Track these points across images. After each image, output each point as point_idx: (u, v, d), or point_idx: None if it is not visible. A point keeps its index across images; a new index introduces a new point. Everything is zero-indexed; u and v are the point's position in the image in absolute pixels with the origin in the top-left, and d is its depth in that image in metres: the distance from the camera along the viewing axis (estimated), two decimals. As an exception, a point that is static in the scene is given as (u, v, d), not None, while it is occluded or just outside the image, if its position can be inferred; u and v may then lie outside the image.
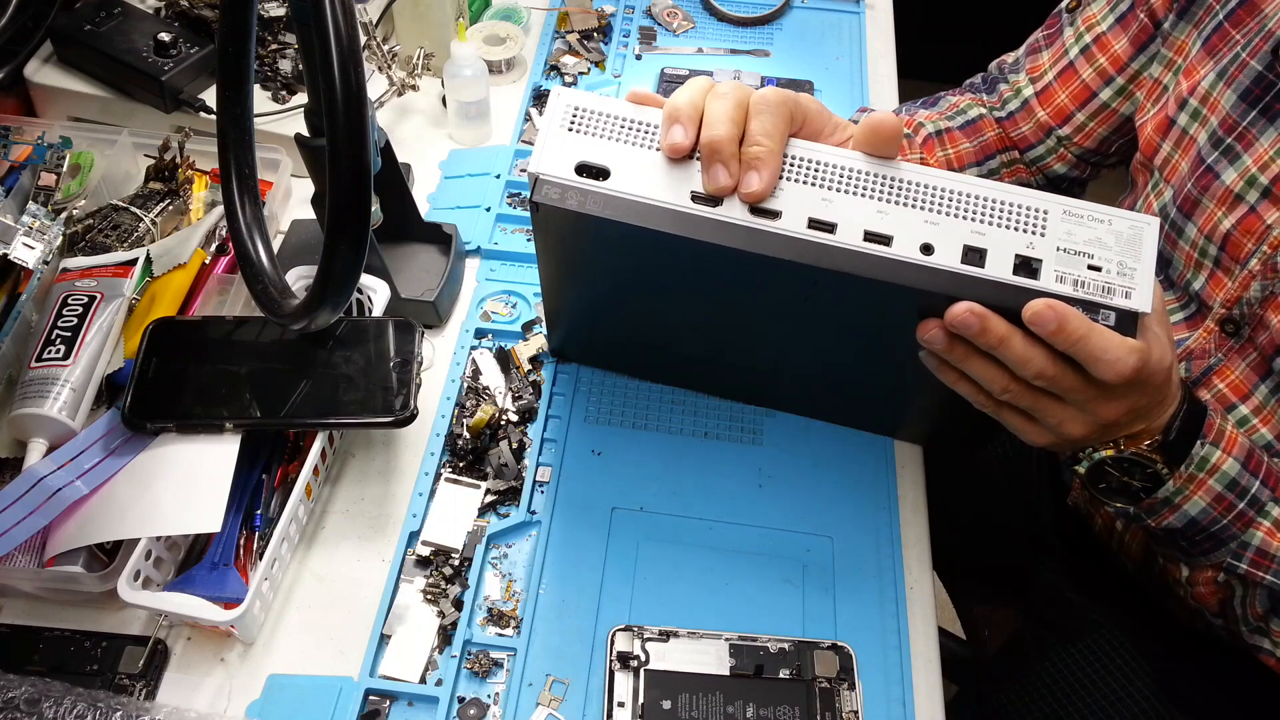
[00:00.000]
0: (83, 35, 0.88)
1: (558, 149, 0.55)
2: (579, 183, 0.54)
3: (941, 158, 0.84)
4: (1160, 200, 0.72)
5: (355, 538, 0.69)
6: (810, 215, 0.53)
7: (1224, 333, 0.68)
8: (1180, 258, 0.70)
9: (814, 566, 0.68)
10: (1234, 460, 0.59)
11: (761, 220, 0.53)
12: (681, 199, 0.53)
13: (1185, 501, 0.60)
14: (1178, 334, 0.71)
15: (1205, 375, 0.69)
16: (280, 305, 0.64)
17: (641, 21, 1.09)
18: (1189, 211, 0.69)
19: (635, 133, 0.55)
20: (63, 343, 0.68)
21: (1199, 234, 0.68)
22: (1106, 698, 0.80)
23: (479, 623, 0.64)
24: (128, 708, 0.58)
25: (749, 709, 0.60)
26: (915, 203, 0.53)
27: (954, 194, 0.53)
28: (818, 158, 0.54)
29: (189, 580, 0.63)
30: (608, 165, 0.54)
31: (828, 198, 0.53)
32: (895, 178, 0.54)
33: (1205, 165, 0.67)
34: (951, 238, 0.52)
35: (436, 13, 0.95)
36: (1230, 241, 0.66)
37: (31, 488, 0.61)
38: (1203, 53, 0.69)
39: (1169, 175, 0.71)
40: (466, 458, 0.71)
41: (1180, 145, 0.70)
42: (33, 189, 0.79)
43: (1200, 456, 0.59)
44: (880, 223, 0.52)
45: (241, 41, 0.62)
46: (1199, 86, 0.69)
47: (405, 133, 0.96)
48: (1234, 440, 0.60)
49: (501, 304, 0.82)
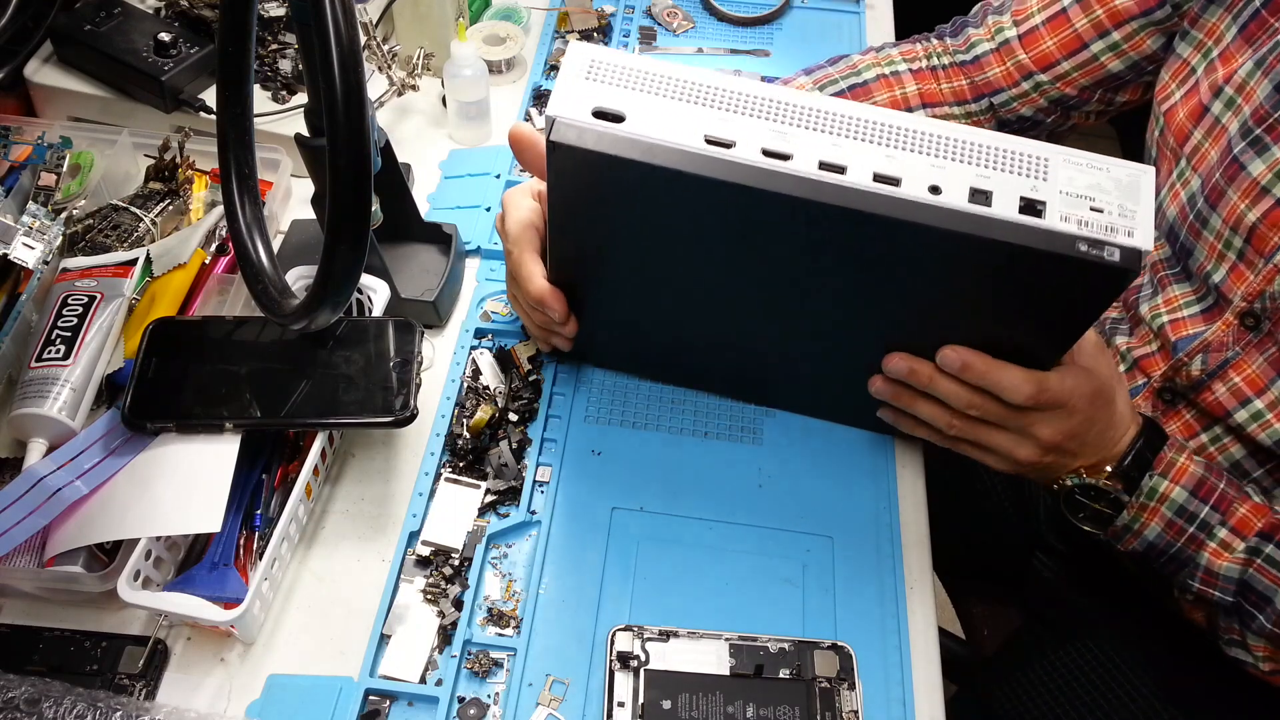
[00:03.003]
0: (83, 35, 0.88)
1: (576, 94, 0.56)
2: (596, 125, 0.55)
3: (947, 90, 0.86)
4: (1188, 189, 0.71)
5: (355, 538, 0.69)
6: (821, 158, 0.54)
7: (1243, 326, 0.67)
8: (1203, 248, 0.70)
9: (814, 566, 0.68)
10: (1182, 489, 0.65)
11: (773, 162, 0.54)
12: (696, 142, 0.54)
13: (1143, 528, 0.66)
14: (1194, 327, 0.71)
15: (1222, 368, 0.68)
16: (280, 305, 0.64)
17: (641, 21, 1.09)
18: (1214, 202, 0.68)
19: (651, 82, 0.56)
20: (63, 343, 0.68)
21: (1224, 225, 0.67)
22: (1106, 698, 0.80)
23: (479, 623, 0.64)
24: (128, 708, 0.58)
25: (749, 709, 0.60)
26: (921, 149, 0.54)
27: (959, 142, 0.55)
28: (824, 107, 0.56)
29: (189, 580, 0.63)
30: (623, 111, 0.55)
31: (837, 143, 0.55)
32: (902, 126, 0.55)
33: (1233, 155, 0.67)
34: (958, 180, 0.54)
35: (436, 13, 0.95)
36: (1255, 234, 0.66)
37: (31, 488, 0.61)
38: (1240, 40, 0.68)
39: (1197, 164, 0.70)
40: (466, 458, 0.71)
41: (1211, 134, 0.69)
42: (33, 189, 0.79)
43: (1149, 487, 0.65)
44: (888, 166, 0.54)
45: (241, 41, 0.62)
46: (1236, 75, 0.68)
47: (405, 133, 0.96)
48: (1184, 471, 0.65)
49: (501, 304, 0.82)
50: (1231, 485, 0.65)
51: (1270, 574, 0.63)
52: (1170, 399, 0.73)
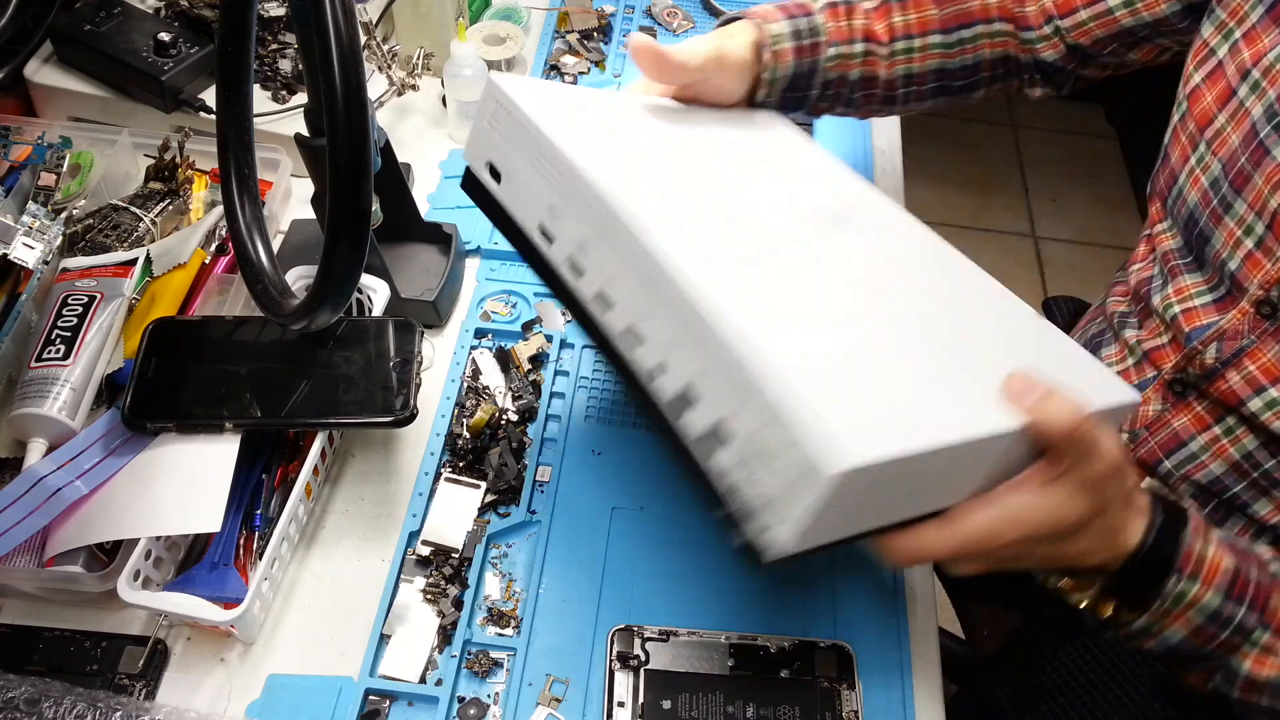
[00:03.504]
0: (83, 35, 0.88)
1: (483, 138, 0.57)
2: (485, 177, 0.58)
3: (899, 23, 0.79)
4: (1209, 174, 0.69)
5: (355, 538, 0.69)
6: (601, 291, 0.51)
7: (1259, 314, 0.66)
8: (1222, 235, 0.68)
9: (814, 566, 0.68)
10: (1215, 593, 0.55)
11: (570, 275, 0.53)
12: (531, 225, 0.55)
13: (1162, 631, 0.57)
14: (1206, 317, 0.69)
15: (1237, 356, 0.67)
16: (280, 305, 0.64)
17: (641, 21, 1.09)
18: (1240, 187, 0.66)
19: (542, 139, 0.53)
20: (62, 343, 0.68)
21: (1248, 210, 0.66)
22: (1106, 698, 0.80)
23: (479, 622, 0.64)
24: (127, 708, 0.58)
25: (749, 709, 0.60)
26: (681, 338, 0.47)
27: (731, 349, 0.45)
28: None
29: (189, 580, 0.63)
30: (502, 170, 0.56)
31: (630, 289, 0.50)
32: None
33: (1259, 139, 0.65)
34: (682, 373, 0.47)
35: (436, 13, 0.95)
36: (1278, 221, 0.64)
37: (31, 488, 0.61)
38: (1267, 20, 0.67)
39: (1217, 148, 0.68)
40: (466, 457, 0.71)
41: (1235, 118, 0.68)
42: (33, 189, 0.79)
43: (1176, 592, 0.55)
44: (640, 327, 0.49)
45: (241, 41, 0.62)
46: (1264, 57, 0.66)
47: (405, 133, 0.96)
48: (1217, 568, 0.56)
49: (501, 304, 0.82)
50: (1263, 570, 0.58)
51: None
52: (1181, 390, 0.73)
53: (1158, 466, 0.74)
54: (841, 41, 0.77)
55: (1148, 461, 0.74)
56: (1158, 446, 0.73)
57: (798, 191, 0.62)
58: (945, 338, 0.53)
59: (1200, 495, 0.71)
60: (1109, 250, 2.21)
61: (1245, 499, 0.69)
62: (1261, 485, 0.68)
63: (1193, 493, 0.71)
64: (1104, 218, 2.29)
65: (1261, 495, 0.68)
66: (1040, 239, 2.24)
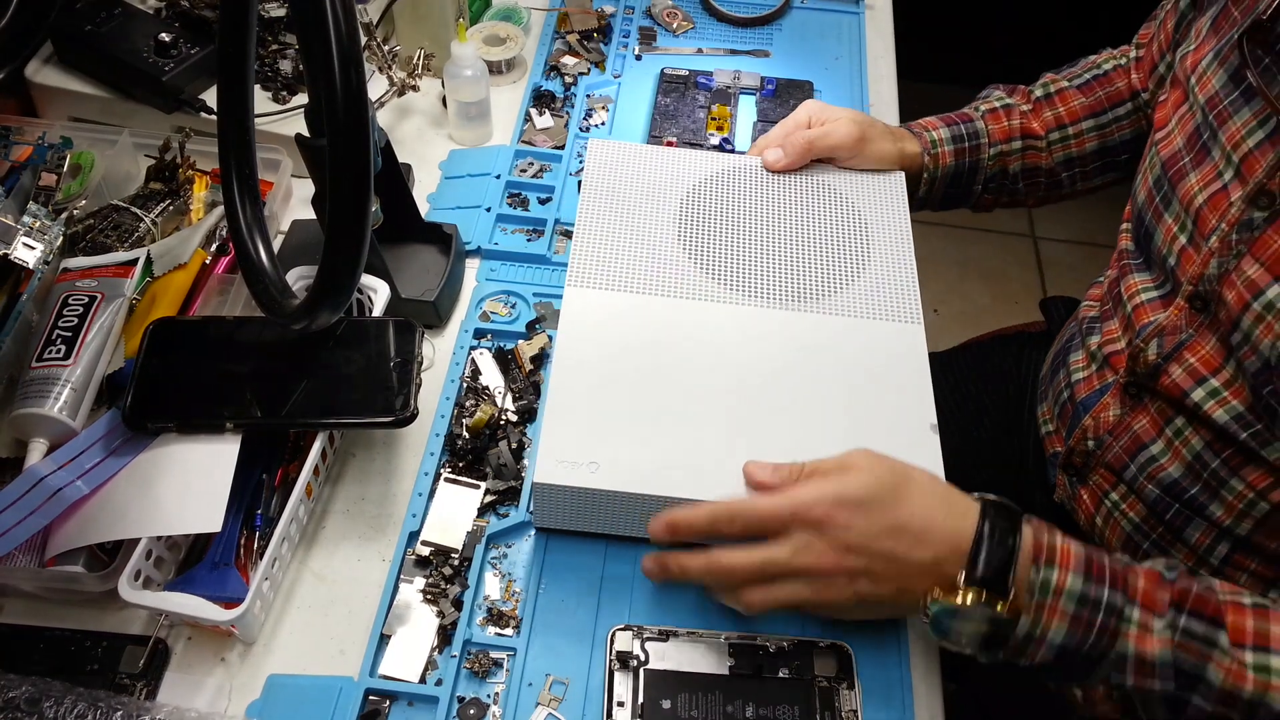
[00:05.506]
0: (83, 35, 0.88)
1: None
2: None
3: (1050, 117, 0.87)
4: (1154, 173, 0.73)
5: (355, 538, 0.69)
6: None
7: (1193, 309, 0.68)
8: (1161, 231, 0.71)
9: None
10: (1075, 575, 0.56)
11: None
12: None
13: (1046, 632, 0.56)
14: (1153, 313, 0.72)
15: (1177, 350, 0.69)
16: (280, 305, 0.64)
17: (641, 22, 1.09)
18: (1175, 184, 0.70)
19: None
20: (63, 343, 0.68)
21: (1180, 208, 0.69)
22: (1105, 697, 0.80)
23: (479, 623, 0.64)
24: (128, 707, 0.58)
25: (749, 709, 0.60)
26: None
27: None
28: None
29: (189, 580, 0.63)
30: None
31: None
32: None
33: (1200, 143, 0.68)
34: None
35: (436, 13, 0.95)
36: (1200, 217, 0.67)
37: (32, 488, 0.61)
38: (1210, 32, 0.70)
39: (1163, 147, 0.72)
40: (466, 458, 0.72)
41: (1181, 120, 0.71)
42: (33, 189, 0.80)
43: (1040, 581, 0.56)
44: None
45: (241, 41, 0.62)
46: (1199, 64, 0.69)
47: (405, 133, 0.96)
48: (1068, 553, 0.57)
49: (501, 304, 0.82)
50: (1114, 559, 0.58)
51: (1195, 649, 0.55)
52: (1135, 392, 0.74)
53: (1124, 471, 0.75)
54: (1001, 140, 0.86)
55: (1115, 465, 0.75)
56: (1122, 450, 0.74)
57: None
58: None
59: (1164, 499, 0.73)
60: (1109, 250, 2.18)
61: (1202, 500, 0.70)
62: (1212, 486, 0.69)
63: (1157, 497, 0.73)
64: (1104, 218, 2.29)
65: (1214, 497, 0.69)
66: (1040, 239, 2.23)
